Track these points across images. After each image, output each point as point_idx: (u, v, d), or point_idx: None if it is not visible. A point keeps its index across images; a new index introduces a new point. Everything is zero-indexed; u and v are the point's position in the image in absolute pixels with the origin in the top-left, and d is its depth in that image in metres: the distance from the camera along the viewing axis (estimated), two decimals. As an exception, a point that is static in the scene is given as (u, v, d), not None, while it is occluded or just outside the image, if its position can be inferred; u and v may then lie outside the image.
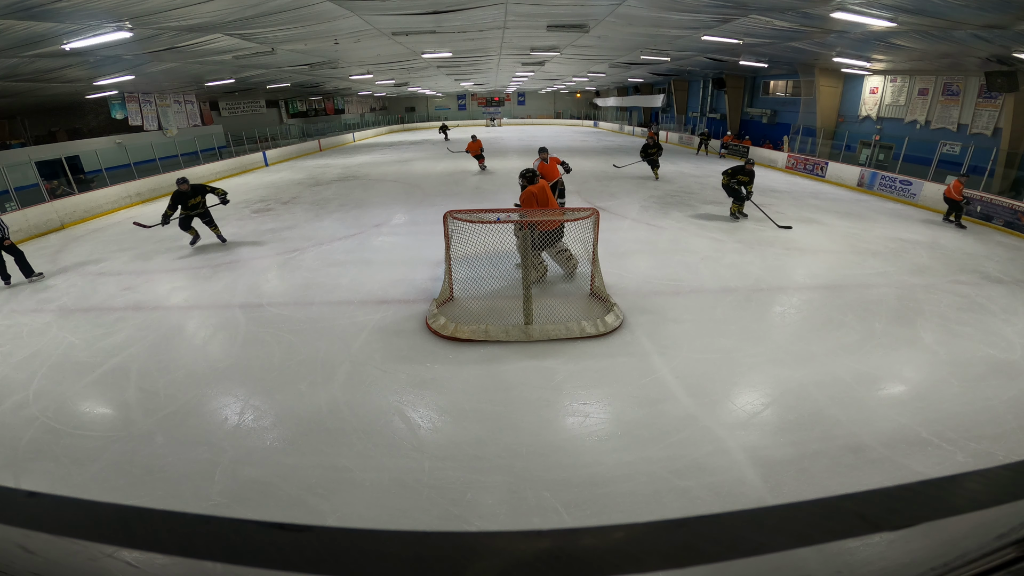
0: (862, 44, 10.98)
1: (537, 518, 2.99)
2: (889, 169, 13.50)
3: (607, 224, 8.70)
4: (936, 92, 13.20)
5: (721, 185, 10.35)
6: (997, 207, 10.06)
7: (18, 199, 10.52)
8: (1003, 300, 6.12)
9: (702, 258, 7.65)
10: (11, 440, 3.75)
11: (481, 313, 5.61)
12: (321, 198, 13.11)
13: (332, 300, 6.25)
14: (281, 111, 28.22)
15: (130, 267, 7.88)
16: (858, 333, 5.23)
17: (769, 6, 8.30)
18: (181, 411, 4.09)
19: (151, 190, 14.30)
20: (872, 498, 0.52)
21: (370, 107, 38.38)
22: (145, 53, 10.13)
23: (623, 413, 3.96)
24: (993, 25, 7.69)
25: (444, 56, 15.94)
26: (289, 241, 9.04)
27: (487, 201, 12.20)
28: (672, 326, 5.40)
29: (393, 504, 3.10)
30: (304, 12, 8.14)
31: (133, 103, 17.09)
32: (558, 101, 43.94)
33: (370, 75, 19.72)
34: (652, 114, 31.49)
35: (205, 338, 5.42)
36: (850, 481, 3.20)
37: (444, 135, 29.05)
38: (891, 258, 7.72)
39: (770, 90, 20.41)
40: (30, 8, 6.01)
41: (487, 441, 3.65)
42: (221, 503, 3.14)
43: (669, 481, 3.24)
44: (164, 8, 6.85)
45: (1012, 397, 4.10)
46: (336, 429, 3.81)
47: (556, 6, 9.40)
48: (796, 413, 3.91)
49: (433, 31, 11.20)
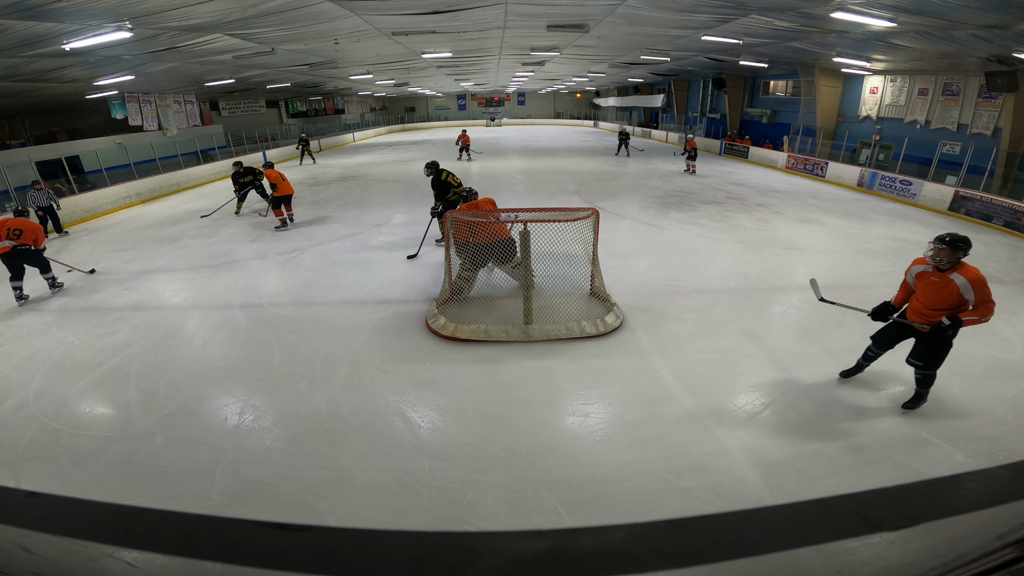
0: (862, 44, 10.99)
1: (537, 518, 2.99)
2: (889, 169, 13.50)
3: (607, 224, 8.70)
4: (936, 92, 13.21)
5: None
6: (997, 207, 10.06)
7: (18, 199, 10.51)
8: (1003, 300, 6.09)
9: (702, 258, 7.65)
10: (11, 440, 3.75)
11: (481, 313, 5.61)
12: (321, 198, 13.11)
13: (332, 300, 6.25)
14: (281, 111, 28.22)
15: (130, 267, 7.87)
16: (858, 333, 5.22)
17: (769, 6, 8.30)
18: (181, 411, 4.09)
19: (151, 190, 14.29)
20: (872, 498, 0.52)
21: (370, 107, 38.38)
22: (145, 53, 10.13)
23: (623, 413, 3.96)
24: (993, 25, 7.69)
25: (444, 56, 15.94)
26: (289, 241, 9.04)
27: (487, 201, 12.17)
28: (672, 326, 5.40)
29: (393, 504, 3.10)
30: (304, 12, 8.15)
31: (133, 103, 17.08)
32: (558, 101, 43.94)
33: (370, 75, 19.72)
34: (652, 114, 31.49)
35: (205, 338, 5.42)
36: (850, 481, 3.20)
37: (463, 152, 20.26)
38: (891, 258, 7.72)
39: (770, 90, 20.41)
40: (30, 8, 6.01)
41: (487, 441, 3.65)
42: (221, 503, 3.14)
43: (669, 481, 3.24)
44: (164, 8, 6.85)
45: (1012, 397, 4.10)
46: (336, 429, 3.81)
47: (556, 6, 9.40)
48: (796, 413, 3.92)
49: (433, 31, 11.21)
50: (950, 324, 3.59)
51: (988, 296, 3.55)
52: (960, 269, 3.61)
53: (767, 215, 10.48)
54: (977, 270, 3.62)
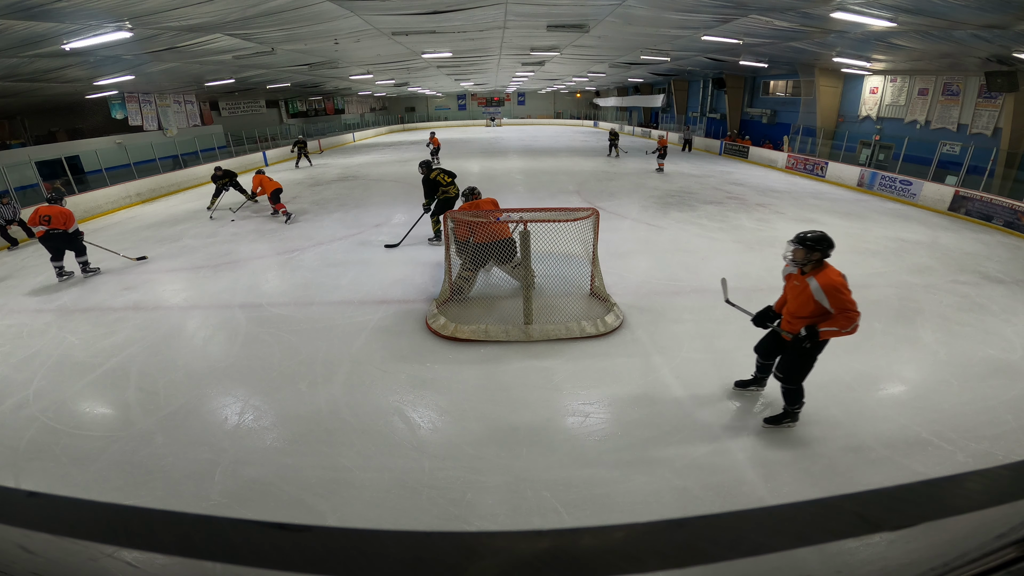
0: (862, 44, 10.98)
1: (537, 518, 2.99)
2: (889, 169, 13.50)
3: (607, 224, 8.69)
4: (936, 92, 13.20)
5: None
6: (997, 207, 10.06)
7: (18, 199, 10.52)
8: (1003, 300, 6.12)
9: (702, 258, 7.65)
10: (11, 440, 3.75)
11: (481, 313, 5.61)
12: (321, 198, 13.10)
13: (332, 300, 6.25)
14: (281, 111, 28.21)
15: (130, 267, 7.88)
16: (858, 333, 5.22)
17: (769, 6, 8.30)
18: (181, 411, 4.09)
19: (151, 190, 14.29)
20: (872, 498, 0.52)
21: (370, 107, 38.38)
22: (145, 53, 10.13)
23: (623, 413, 3.96)
24: (993, 25, 7.69)
25: (444, 56, 15.94)
26: (289, 241, 9.04)
27: (487, 201, 12.16)
28: (672, 326, 5.39)
29: (393, 504, 3.10)
30: (304, 12, 8.15)
31: (133, 103, 17.07)
32: (558, 101, 43.94)
33: (370, 75, 19.72)
34: (652, 114, 31.49)
35: (205, 338, 5.42)
36: (850, 481, 3.20)
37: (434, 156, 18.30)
38: (891, 258, 7.72)
39: (770, 90, 20.41)
40: (30, 8, 6.01)
41: (487, 441, 3.65)
42: (221, 503, 3.14)
43: (669, 481, 3.24)
44: (164, 8, 6.85)
45: (1012, 397, 4.10)
46: (336, 429, 3.81)
47: (556, 6, 9.40)
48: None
49: (433, 31, 11.21)
50: (805, 336, 3.27)
51: (847, 305, 3.16)
52: (817, 272, 3.27)
53: (767, 215, 10.48)
54: (837, 274, 3.25)
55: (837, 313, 3.21)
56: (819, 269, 3.30)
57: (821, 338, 3.30)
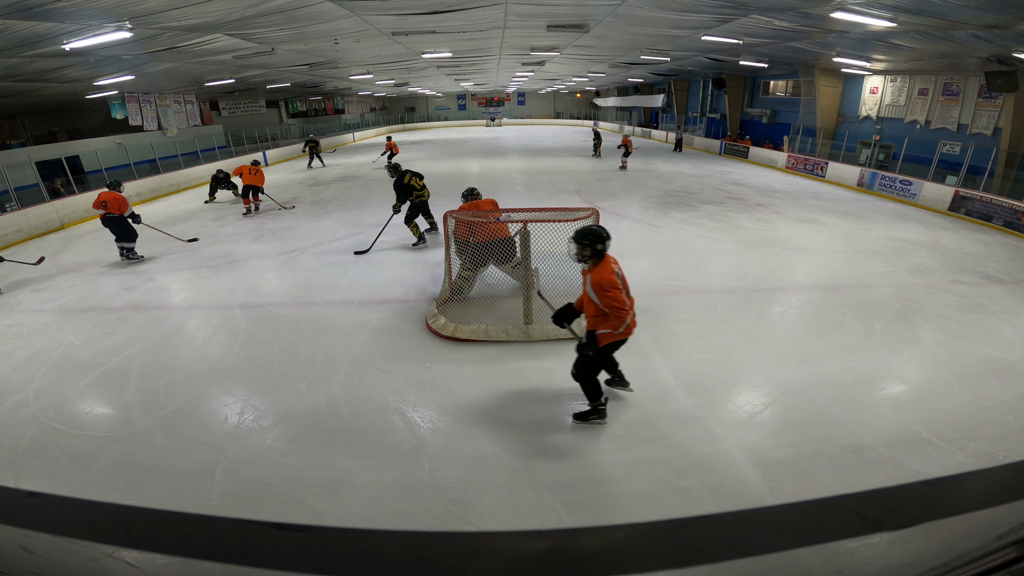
0: (862, 44, 10.98)
1: (537, 518, 2.99)
2: (889, 169, 13.50)
3: (607, 224, 8.60)
4: (936, 92, 13.20)
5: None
6: (997, 207, 10.06)
7: (18, 199, 10.52)
8: (1003, 300, 6.12)
9: (702, 258, 7.65)
10: (11, 440, 3.75)
11: (481, 313, 5.61)
12: (321, 198, 13.10)
13: (332, 300, 6.25)
14: (281, 111, 28.20)
15: (130, 267, 7.88)
16: (858, 333, 5.23)
17: (769, 6, 8.30)
18: (181, 411, 4.09)
19: (151, 190, 14.30)
20: (872, 498, 0.52)
21: (370, 107, 38.37)
22: (145, 53, 10.13)
23: (623, 413, 3.96)
24: (993, 25, 7.69)
25: (444, 56, 15.94)
26: (289, 241, 9.04)
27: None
28: (672, 326, 5.39)
29: (393, 504, 3.10)
30: (304, 12, 8.14)
31: (133, 103, 17.08)
32: (558, 101, 43.93)
33: (370, 75, 19.72)
34: (652, 114, 31.49)
35: (205, 338, 5.42)
36: (850, 481, 3.20)
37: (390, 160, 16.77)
38: (891, 258, 7.72)
39: (770, 90, 20.41)
40: (30, 8, 6.01)
41: (487, 441, 3.65)
42: (221, 503, 3.14)
43: (669, 481, 3.24)
44: (164, 8, 6.85)
45: (1012, 397, 4.10)
46: (336, 429, 3.81)
47: (556, 6, 9.40)
48: (796, 413, 3.91)
49: (433, 31, 11.20)
50: (586, 343, 3.21)
51: (612, 303, 3.05)
52: (592, 268, 3.18)
53: (767, 215, 10.48)
54: (606, 272, 3.13)
55: (609, 312, 3.13)
56: (595, 266, 3.22)
57: (601, 343, 3.25)
